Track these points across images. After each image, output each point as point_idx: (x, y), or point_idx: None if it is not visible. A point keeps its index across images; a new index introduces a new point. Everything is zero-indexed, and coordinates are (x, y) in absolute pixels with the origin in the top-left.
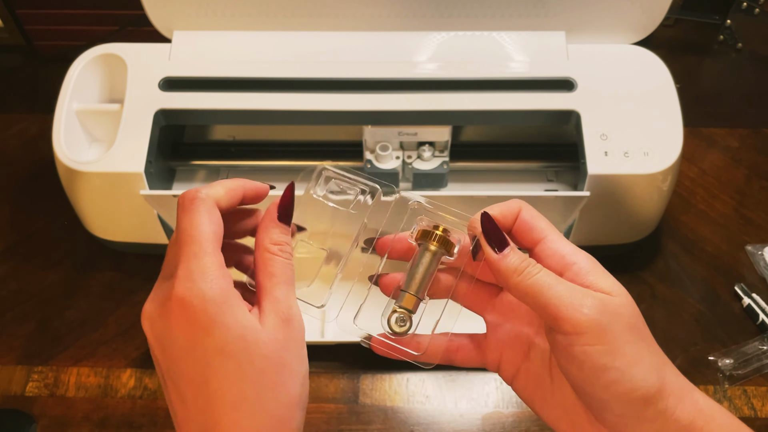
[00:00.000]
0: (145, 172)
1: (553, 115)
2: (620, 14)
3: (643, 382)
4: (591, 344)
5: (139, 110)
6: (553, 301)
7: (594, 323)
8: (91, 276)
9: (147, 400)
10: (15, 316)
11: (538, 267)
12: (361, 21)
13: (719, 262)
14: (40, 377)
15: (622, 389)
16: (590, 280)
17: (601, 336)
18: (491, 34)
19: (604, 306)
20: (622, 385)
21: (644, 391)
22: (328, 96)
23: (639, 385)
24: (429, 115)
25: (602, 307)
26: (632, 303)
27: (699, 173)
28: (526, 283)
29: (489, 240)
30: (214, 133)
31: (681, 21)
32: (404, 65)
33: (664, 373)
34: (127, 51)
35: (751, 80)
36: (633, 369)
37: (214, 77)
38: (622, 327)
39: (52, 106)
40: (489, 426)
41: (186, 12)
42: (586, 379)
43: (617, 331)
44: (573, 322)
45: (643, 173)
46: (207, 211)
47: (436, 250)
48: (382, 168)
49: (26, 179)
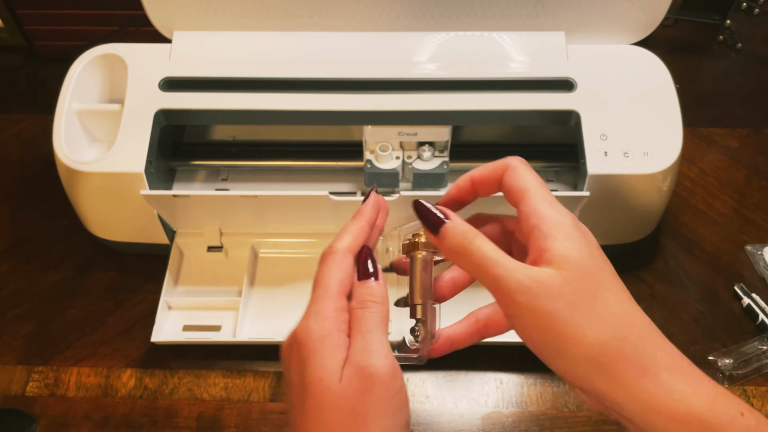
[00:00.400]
0: (146, 172)
1: (552, 115)
2: (620, 14)
3: (579, 342)
4: (526, 327)
5: (139, 110)
6: (489, 283)
7: (526, 308)
8: (92, 276)
9: (147, 400)
10: (15, 316)
11: (475, 245)
12: (361, 21)
13: (719, 262)
14: (41, 377)
15: (559, 358)
16: (547, 245)
17: (535, 317)
18: (491, 35)
19: (537, 289)
20: (563, 358)
21: (582, 351)
22: (328, 96)
23: (575, 346)
24: (429, 115)
25: (534, 291)
26: (581, 272)
27: (699, 173)
28: (465, 266)
29: (426, 225)
30: (214, 133)
31: (681, 21)
32: (404, 65)
33: (628, 341)
34: (128, 51)
35: (751, 80)
36: (567, 345)
37: (215, 77)
38: (560, 305)
39: (53, 106)
40: (489, 426)
41: (186, 12)
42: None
43: (552, 311)
44: (506, 310)
45: (643, 173)
46: (335, 262)
47: (423, 255)
48: (382, 168)
49: (26, 179)
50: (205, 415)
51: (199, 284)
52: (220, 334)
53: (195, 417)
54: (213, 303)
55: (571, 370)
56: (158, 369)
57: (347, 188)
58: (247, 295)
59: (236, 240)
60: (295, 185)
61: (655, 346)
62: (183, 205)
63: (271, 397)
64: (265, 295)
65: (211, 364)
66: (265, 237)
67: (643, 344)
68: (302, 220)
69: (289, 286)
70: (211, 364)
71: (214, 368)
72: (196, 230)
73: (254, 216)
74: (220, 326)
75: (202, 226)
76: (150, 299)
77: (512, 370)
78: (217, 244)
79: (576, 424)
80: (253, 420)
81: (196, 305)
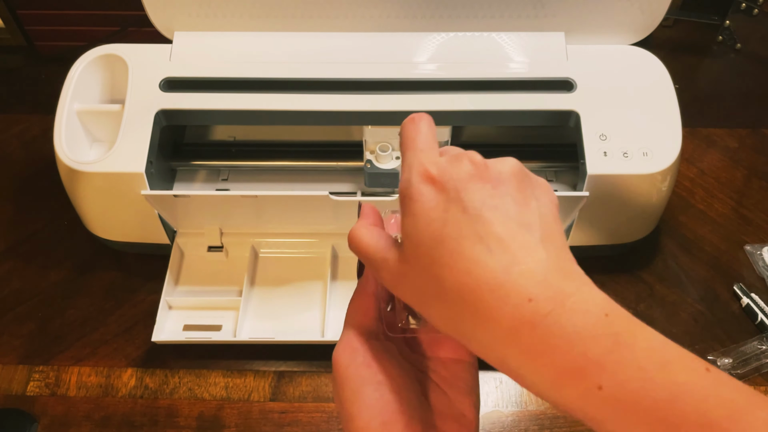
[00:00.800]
0: (146, 172)
1: (552, 116)
2: (619, 15)
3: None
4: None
5: (139, 111)
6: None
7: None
8: (92, 276)
9: (148, 400)
10: (16, 315)
11: (359, 225)
12: (361, 22)
13: (718, 261)
14: (41, 377)
15: (435, 311)
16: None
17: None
18: (491, 35)
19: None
20: (432, 308)
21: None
22: (328, 96)
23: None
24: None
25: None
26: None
27: (698, 173)
28: (359, 257)
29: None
30: (214, 133)
31: (680, 21)
32: (404, 66)
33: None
34: (128, 51)
35: (750, 80)
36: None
37: (215, 78)
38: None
39: (53, 106)
40: (489, 425)
41: (187, 13)
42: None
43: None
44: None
45: (643, 173)
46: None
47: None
48: (382, 168)
49: (27, 179)
50: (206, 414)
51: (199, 284)
52: (221, 333)
53: (195, 416)
54: (213, 303)
55: (442, 320)
56: (159, 369)
57: (347, 188)
58: (248, 295)
59: (236, 240)
60: (296, 185)
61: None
62: (183, 205)
63: (271, 397)
64: (266, 294)
65: (211, 364)
66: (265, 237)
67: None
68: (302, 220)
69: (289, 286)
70: (211, 364)
71: (215, 368)
72: (197, 230)
73: (254, 216)
74: (220, 326)
75: (203, 226)
76: (150, 299)
77: None
78: (217, 244)
79: (575, 423)
80: (253, 420)
81: (197, 305)
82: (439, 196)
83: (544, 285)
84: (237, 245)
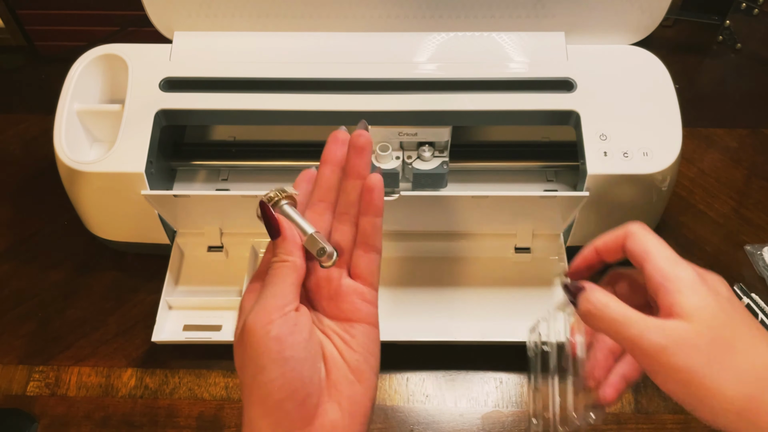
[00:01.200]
0: (146, 172)
1: (552, 116)
2: (620, 15)
3: (721, 396)
4: (667, 382)
5: (139, 110)
6: (626, 345)
7: (663, 366)
8: (92, 276)
9: (148, 400)
10: (16, 315)
11: (608, 310)
12: (361, 22)
13: (718, 262)
14: (41, 377)
15: (703, 410)
16: (675, 300)
17: (673, 373)
18: (491, 35)
19: (672, 347)
20: (707, 409)
21: (725, 405)
22: (328, 96)
23: (718, 401)
24: (429, 116)
25: (669, 349)
26: (712, 323)
27: (698, 173)
28: (601, 329)
29: (570, 298)
30: (214, 133)
31: (680, 21)
32: (404, 66)
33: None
34: (128, 51)
35: (750, 80)
36: (709, 399)
37: (215, 78)
38: (697, 360)
39: (53, 106)
40: (489, 425)
41: (187, 13)
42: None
43: (690, 367)
44: (645, 368)
45: (643, 173)
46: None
47: (289, 201)
48: (382, 168)
49: (27, 179)
50: (206, 414)
51: (199, 284)
52: (221, 333)
53: (195, 416)
54: (213, 303)
55: (716, 420)
56: (159, 368)
57: None
58: None
59: (236, 240)
60: None
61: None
62: (183, 205)
63: None
64: None
65: (211, 364)
66: (265, 237)
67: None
68: None
69: None
70: (211, 364)
71: (215, 368)
72: (197, 230)
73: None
74: (220, 326)
75: (203, 226)
76: (150, 299)
77: (512, 369)
78: (217, 244)
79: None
80: None
81: (197, 305)
82: None
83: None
84: (237, 245)
